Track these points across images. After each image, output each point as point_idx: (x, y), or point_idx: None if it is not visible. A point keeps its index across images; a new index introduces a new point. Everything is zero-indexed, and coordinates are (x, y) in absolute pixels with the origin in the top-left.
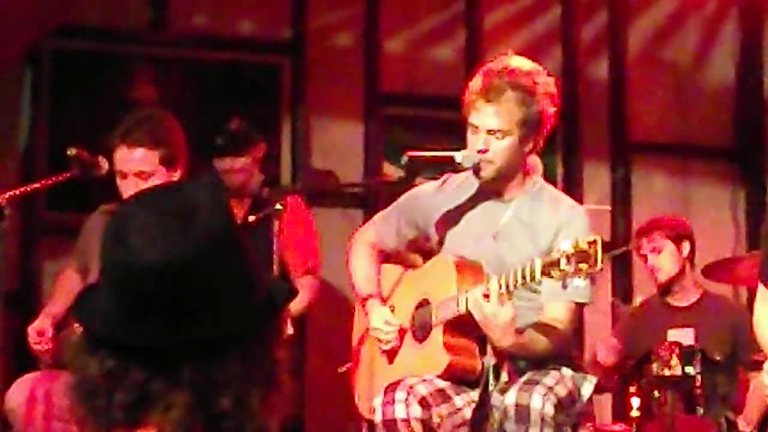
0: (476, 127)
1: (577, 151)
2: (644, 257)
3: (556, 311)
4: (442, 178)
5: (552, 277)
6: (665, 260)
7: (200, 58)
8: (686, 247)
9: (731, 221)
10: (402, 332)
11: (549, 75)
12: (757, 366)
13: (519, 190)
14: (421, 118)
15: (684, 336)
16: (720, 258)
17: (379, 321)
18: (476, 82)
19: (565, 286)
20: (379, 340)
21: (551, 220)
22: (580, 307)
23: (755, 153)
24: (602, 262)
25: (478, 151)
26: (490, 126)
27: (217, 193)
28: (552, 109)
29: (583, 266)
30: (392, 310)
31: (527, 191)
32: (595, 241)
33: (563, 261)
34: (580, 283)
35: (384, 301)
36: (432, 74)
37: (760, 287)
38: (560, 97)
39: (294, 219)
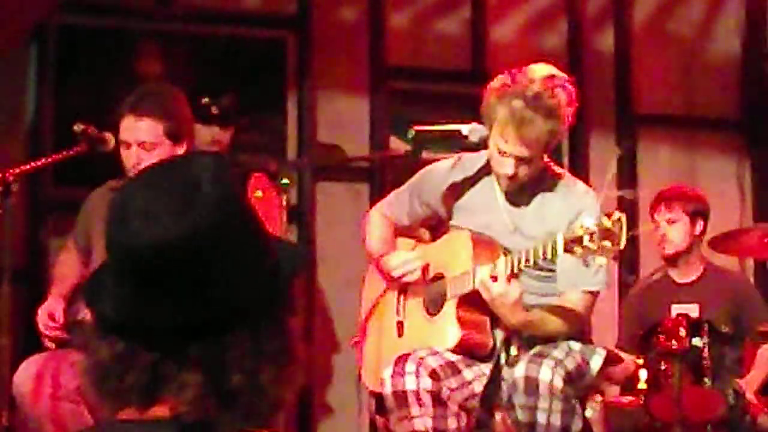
0: (505, 153)
1: (583, 123)
2: (657, 223)
3: (571, 301)
4: (456, 157)
5: (574, 253)
6: (677, 233)
7: (206, 33)
8: (700, 225)
9: (737, 193)
10: (425, 268)
11: (562, 71)
12: (764, 337)
13: (532, 180)
14: (427, 92)
15: (689, 312)
16: (726, 230)
17: (398, 259)
18: (503, 105)
19: (587, 264)
20: (405, 277)
21: (563, 210)
22: (594, 295)
23: (761, 124)
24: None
25: (509, 177)
26: (522, 155)
27: (219, 165)
28: (570, 111)
29: (607, 244)
30: (405, 284)
31: (539, 181)
32: (619, 219)
33: (586, 238)
34: (594, 270)
35: None
36: (437, 48)
37: None
38: (566, 70)
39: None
